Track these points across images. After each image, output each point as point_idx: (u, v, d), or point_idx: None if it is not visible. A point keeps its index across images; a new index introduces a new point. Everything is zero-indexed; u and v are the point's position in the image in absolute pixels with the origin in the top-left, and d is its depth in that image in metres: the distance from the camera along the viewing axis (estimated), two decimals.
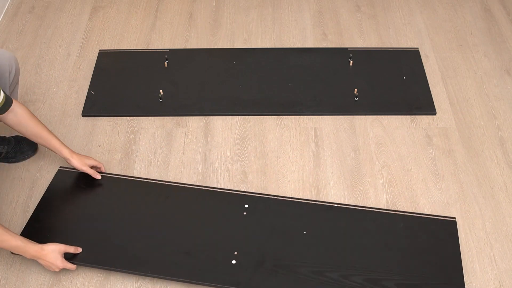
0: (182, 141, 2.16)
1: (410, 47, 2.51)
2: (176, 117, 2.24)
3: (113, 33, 2.62)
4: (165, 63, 2.43)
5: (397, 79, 2.35)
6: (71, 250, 1.73)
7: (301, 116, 2.23)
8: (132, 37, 2.60)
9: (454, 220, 1.85)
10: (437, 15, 2.68)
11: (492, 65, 2.42)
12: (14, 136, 2.07)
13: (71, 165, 1.93)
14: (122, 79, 2.38)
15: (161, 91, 2.29)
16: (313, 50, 2.50)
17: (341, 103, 2.26)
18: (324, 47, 2.52)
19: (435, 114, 2.22)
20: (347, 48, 2.49)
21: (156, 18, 2.69)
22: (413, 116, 2.22)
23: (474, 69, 2.41)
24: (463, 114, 2.23)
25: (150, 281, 1.74)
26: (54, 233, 1.82)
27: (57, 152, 1.90)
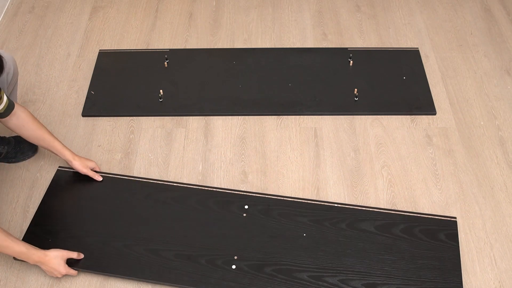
0: (182, 141, 2.16)
1: (410, 47, 2.51)
2: (176, 117, 2.24)
3: (113, 33, 2.62)
4: (165, 63, 2.43)
5: (397, 79, 2.35)
6: (73, 256, 1.73)
7: (301, 116, 2.23)
8: (132, 37, 2.60)
9: (454, 220, 1.85)
10: (437, 15, 2.68)
11: (492, 65, 2.42)
12: (14, 137, 2.07)
13: (73, 167, 1.94)
14: (122, 79, 2.38)
15: (161, 91, 2.29)
16: (313, 50, 2.50)
17: (341, 103, 2.26)
18: (324, 47, 2.52)
19: (435, 114, 2.22)
20: (347, 48, 2.49)
21: (156, 18, 2.69)
22: (413, 116, 2.22)
23: (474, 69, 2.41)
24: (463, 114, 2.23)
25: (150, 282, 1.74)
26: (55, 237, 1.81)
27: (59, 155, 1.91)
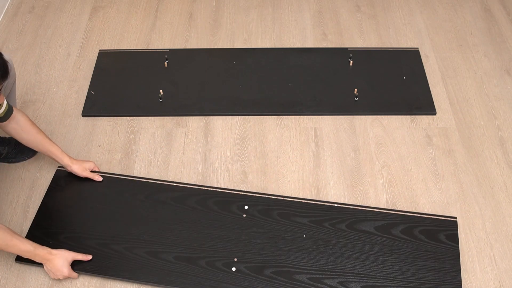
0: (182, 141, 2.16)
1: (410, 47, 2.51)
2: (176, 117, 2.24)
3: (113, 33, 2.62)
4: (165, 63, 2.43)
5: (397, 79, 2.35)
6: (79, 257, 1.73)
7: (301, 116, 2.23)
8: (132, 37, 2.60)
9: (455, 220, 1.85)
10: (437, 15, 2.68)
11: (492, 65, 2.42)
12: None
13: (72, 171, 1.94)
14: (122, 79, 2.38)
15: (161, 91, 2.29)
16: (313, 50, 2.50)
17: (341, 103, 2.26)
18: (324, 47, 2.52)
19: (435, 114, 2.22)
20: (347, 48, 2.49)
21: (156, 18, 2.69)
22: (413, 116, 2.22)
23: (474, 69, 2.41)
24: (463, 114, 2.23)
25: (149, 284, 1.74)
26: (55, 239, 1.81)
27: (57, 160, 1.92)
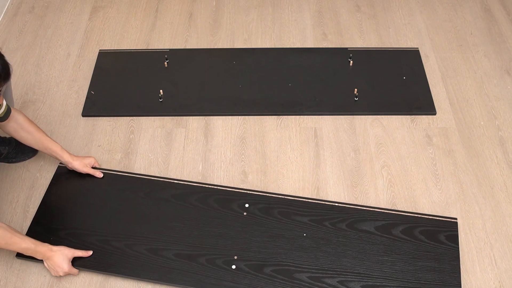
0: (182, 141, 2.16)
1: (410, 47, 2.51)
2: (176, 117, 2.24)
3: (113, 33, 2.62)
4: (165, 63, 2.43)
5: (397, 79, 2.35)
6: (80, 254, 1.73)
7: (301, 116, 2.23)
8: (132, 37, 2.60)
9: (455, 221, 1.85)
10: (437, 15, 2.68)
11: (492, 65, 2.42)
12: None
13: (72, 168, 1.95)
14: (122, 79, 2.38)
15: (161, 91, 2.29)
16: (313, 50, 2.50)
17: (341, 103, 2.26)
18: (324, 47, 2.52)
19: (435, 114, 2.22)
20: (347, 48, 2.49)
21: (156, 18, 2.69)
22: (413, 116, 2.22)
23: (474, 69, 2.41)
24: (463, 114, 2.23)
25: (150, 282, 1.74)
26: (56, 236, 1.81)
27: (57, 157, 1.92)
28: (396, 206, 1.93)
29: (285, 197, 1.92)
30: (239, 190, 1.94)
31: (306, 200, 1.91)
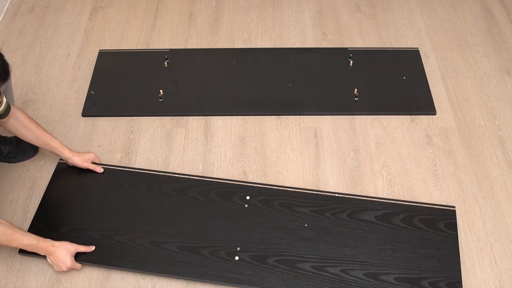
0: (182, 141, 2.16)
1: (410, 47, 2.51)
2: (176, 117, 2.24)
3: (113, 33, 2.62)
4: (165, 63, 2.43)
5: (397, 79, 2.35)
6: (82, 249, 1.74)
7: (301, 116, 2.23)
8: (132, 37, 2.60)
9: (453, 209, 1.87)
10: (437, 15, 2.68)
11: (492, 65, 2.42)
12: (15, 137, 2.07)
13: (73, 164, 1.95)
14: (122, 79, 2.38)
15: (161, 91, 2.29)
16: (313, 50, 2.50)
17: (341, 103, 2.26)
18: (324, 47, 2.52)
19: (435, 114, 2.22)
20: (347, 48, 2.49)
21: (156, 18, 2.69)
22: (413, 116, 2.22)
23: (474, 69, 2.41)
24: (463, 114, 2.23)
25: (150, 281, 1.74)
26: (57, 231, 1.82)
27: (58, 153, 1.92)
28: None
29: (285, 189, 1.93)
30: (240, 183, 1.95)
31: (307, 191, 1.92)
